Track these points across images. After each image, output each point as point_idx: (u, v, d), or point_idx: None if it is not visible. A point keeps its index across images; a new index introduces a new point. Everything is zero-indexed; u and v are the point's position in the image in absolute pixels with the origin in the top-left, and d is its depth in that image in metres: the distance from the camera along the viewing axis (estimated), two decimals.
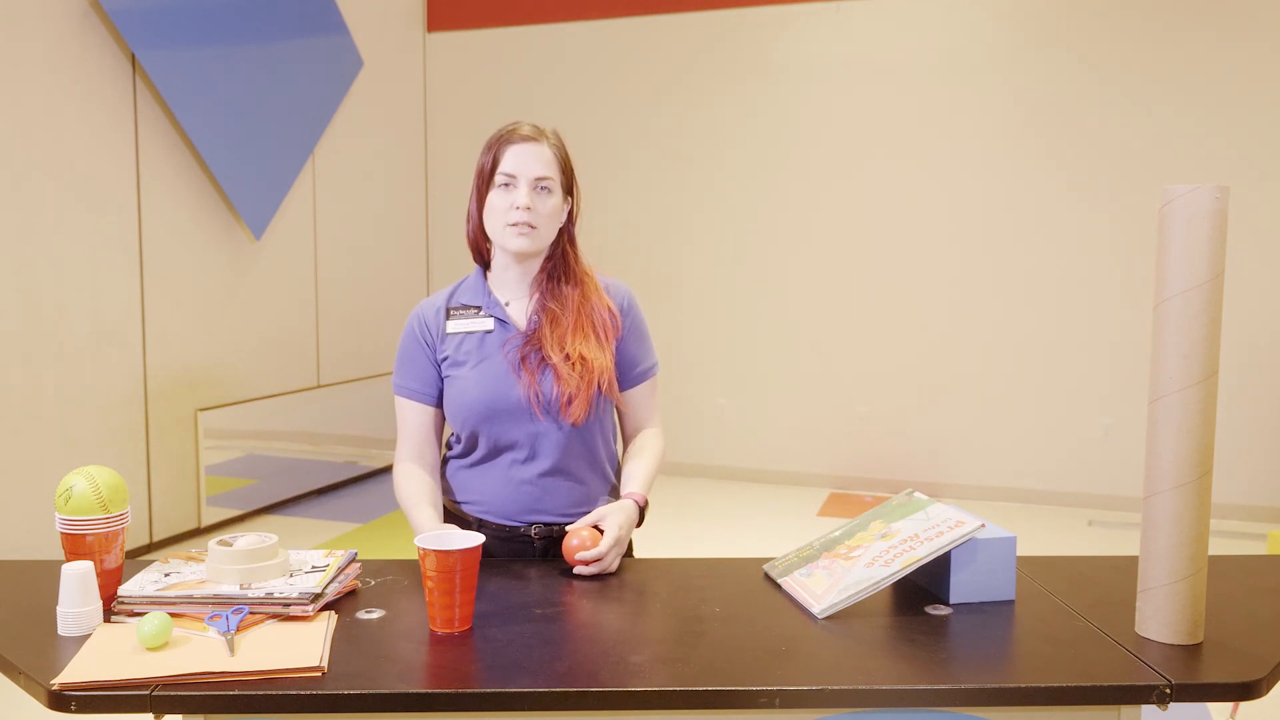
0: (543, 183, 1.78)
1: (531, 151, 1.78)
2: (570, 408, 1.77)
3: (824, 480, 5.98)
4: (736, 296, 6.06)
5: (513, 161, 1.77)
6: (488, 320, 1.83)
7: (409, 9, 6.52)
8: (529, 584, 1.66)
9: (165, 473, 4.77)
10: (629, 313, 1.89)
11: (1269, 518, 5.23)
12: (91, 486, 1.50)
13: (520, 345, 1.80)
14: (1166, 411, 1.38)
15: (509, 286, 1.86)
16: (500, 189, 1.78)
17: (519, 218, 1.76)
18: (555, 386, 1.78)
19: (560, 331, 1.80)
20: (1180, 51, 5.22)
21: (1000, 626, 1.47)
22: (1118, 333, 5.40)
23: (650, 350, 1.93)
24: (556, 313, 1.81)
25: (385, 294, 6.37)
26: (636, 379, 1.90)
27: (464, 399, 1.81)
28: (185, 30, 4.72)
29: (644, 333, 1.92)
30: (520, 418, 1.79)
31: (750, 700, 1.26)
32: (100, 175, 4.40)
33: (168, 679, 1.26)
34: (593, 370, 1.78)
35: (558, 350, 1.78)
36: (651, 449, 1.91)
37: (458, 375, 1.82)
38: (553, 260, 1.86)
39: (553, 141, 1.82)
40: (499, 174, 1.78)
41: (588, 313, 1.83)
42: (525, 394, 1.77)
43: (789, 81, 5.90)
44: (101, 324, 4.41)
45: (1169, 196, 1.37)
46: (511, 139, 1.79)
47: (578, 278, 1.86)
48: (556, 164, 1.81)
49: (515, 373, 1.79)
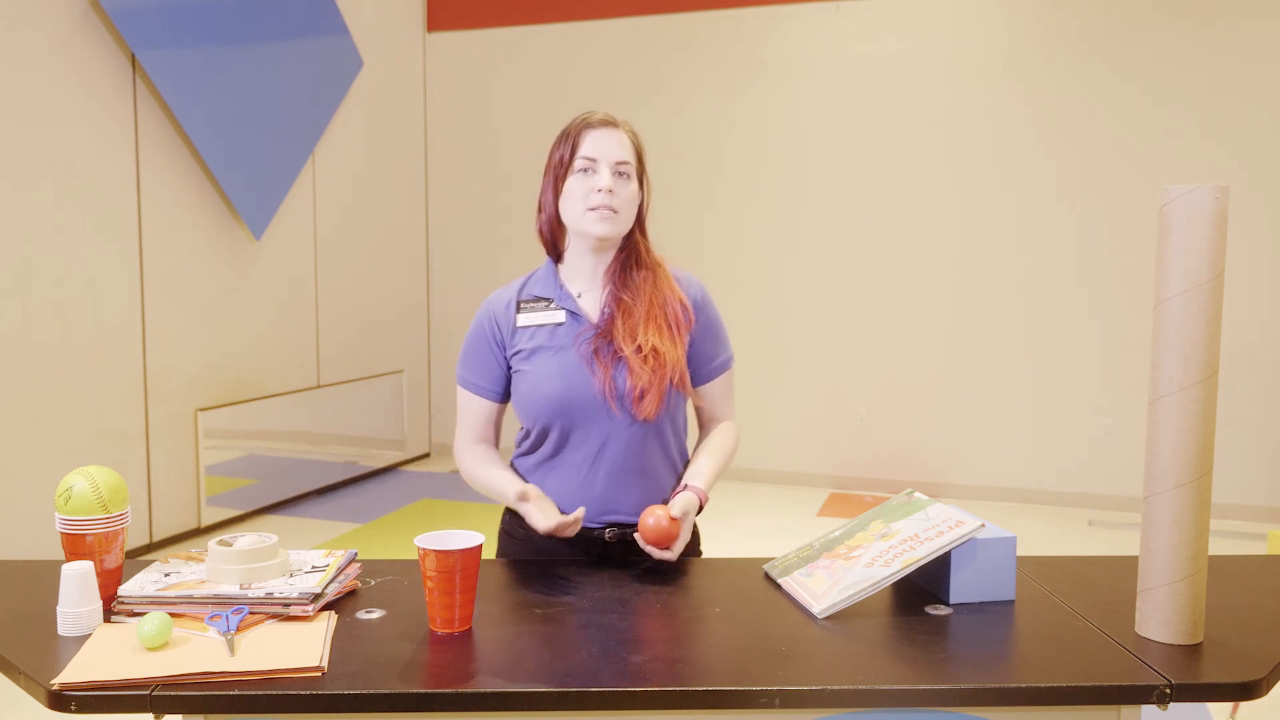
0: (622, 167, 1.77)
1: (610, 137, 1.78)
2: (643, 402, 1.74)
3: (824, 480, 5.98)
4: (736, 296, 6.05)
5: (592, 146, 1.76)
6: (559, 313, 1.80)
7: (409, 9, 6.52)
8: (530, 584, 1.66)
9: (165, 473, 4.77)
10: (702, 307, 1.86)
11: (1269, 518, 5.23)
12: (91, 486, 1.50)
13: (593, 338, 1.77)
14: (1166, 411, 1.38)
15: (582, 277, 1.84)
16: (579, 174, 1.76)
17: (600, 200, 1.74)
18: (628, 380, 1.74)
19: (632, 323, 1.77)
20: (1180, 52, 5.22)
21: (1000, 626, 1.47)
22: (1118, 333, 5.40)
23: (725, 344, 1.91)
24: (629, 303, 1.79)
25: (385, 294, 6.38)
26: (713, 373, 1.88)
27: (535, 393, 1.77)
28: (185, 30, 4.72)
29: (719, 326, 1.90)
30: (593, 413, 1.75)
31: (750, 700, 1.26)
32: (100, 175, 4.40)
33: (168, 679, 1.26)
34: (665, 363, 1.75)
35: (629, 342, 1.75)
36: (723, 444, 1.89)
37: (528, 369, 1.79)
38: (625, 251, 1.84)
39: (629, 130, 1.83)
40: (579, 159, 1.76)
41: (659, 303, 1.80)
42: (600, 388, 1.74)
43: (788, 82, 5.90)
44: (101, 324, 4.41)
45: (1169, 196, 1.37)
46: (590, 124, 1.78)
47: (649, 268, 1.84)
48: (633, 151, 1.81)
49: (589, 366, 1.75)
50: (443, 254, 6.78)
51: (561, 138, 1.81)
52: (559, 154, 1.80)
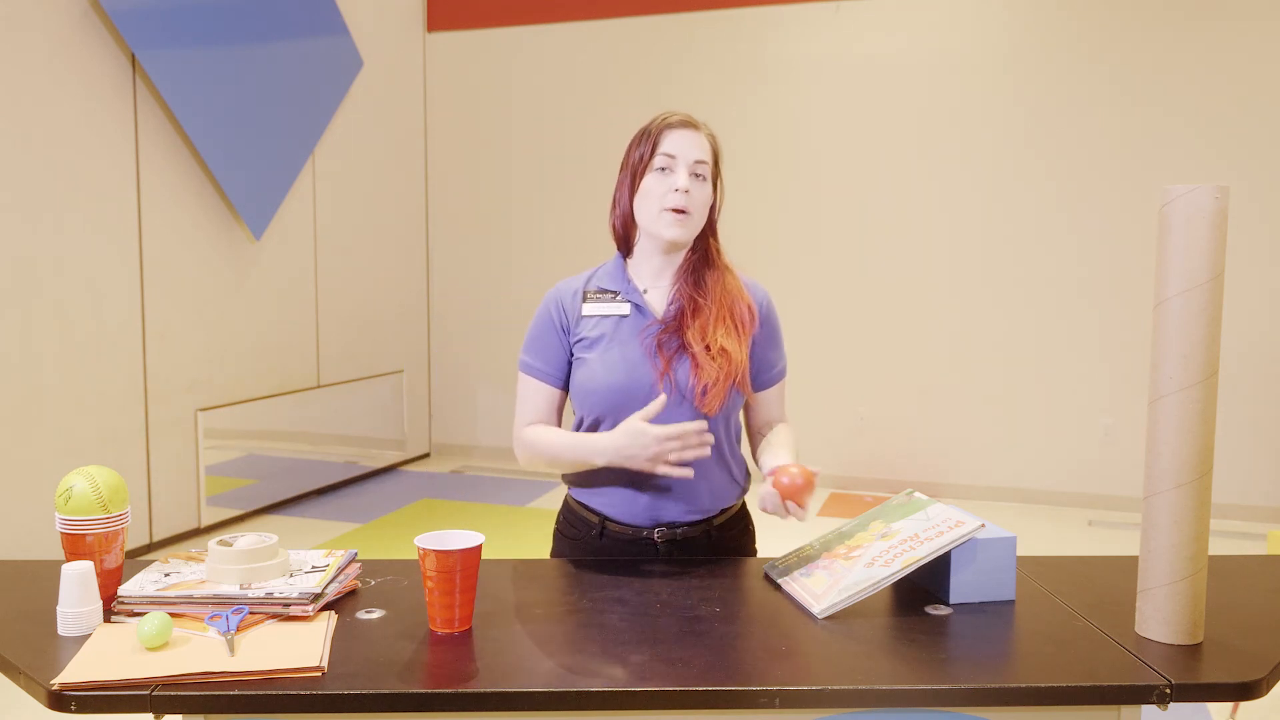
0: (699, 168, 1.78)
1: (690, 137, 1.78)
2: (706, 397, 1.74)
3: (824, 480, 5.98)
4: None
5: (672, 144, 1.77)
6: (624, 305, 1.81)
7: (409, 9, 6.52)
8: (530, 584, 1.66)
9: (165, 473, 4.77)
10: (767, 314, 1.88)
11: (1269, 518, 5.23)
12: (91, 486, 1.50)
13: (658, 332, 1.77)
14: (1166, 411, 1.38)
15: (650, 274, 1.84)
16: (658, 172, 1.77)
17: (677, 201, 1.75)
18: (691, 375, 1.75)
19: (702, 321, 1.78)
20: (1180, 52, 5.22)
21: (1000, 626, 1.47)
22: (1118, 333, 5.40)
23: (783, 352, 1.93)
24: (700, 302, 1.80)
25: (385, 294, 6.38)
26: (772, 379, 1.90)
27: (593, 383, 1.77)
28: (185, 30, 4.72)
29: (779, 334, 1.92)
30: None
31: (750, 700, 1.26)
32: (100, 175, 4.40)
33: (168, 679, 1.26)
34: (732, 363, 1.76)
35: (699, 339, 1.76)
36: (791, 438, 1.89)
37: (589, 358, 1.79)
38: (697, 251, 1.85)
39: (707, 131, 1.83)
40: (659, 156, 1.77)
41: (728, 305, 1.81)
42: (659, 380, 1.74)
43: (788, 82, 5.90)
44: (101, 324, 4.41)
45: (1169, 196, 1.37)
46: (671, 124, 1.79)
47: (720, 269, 1.85)
48: (711, 153, 1.81)
49: (651, 359, 1.76)
50: (443, 254, 6.78)
51: (642, 135, 1.81)
52: (639, 151, 1.80)
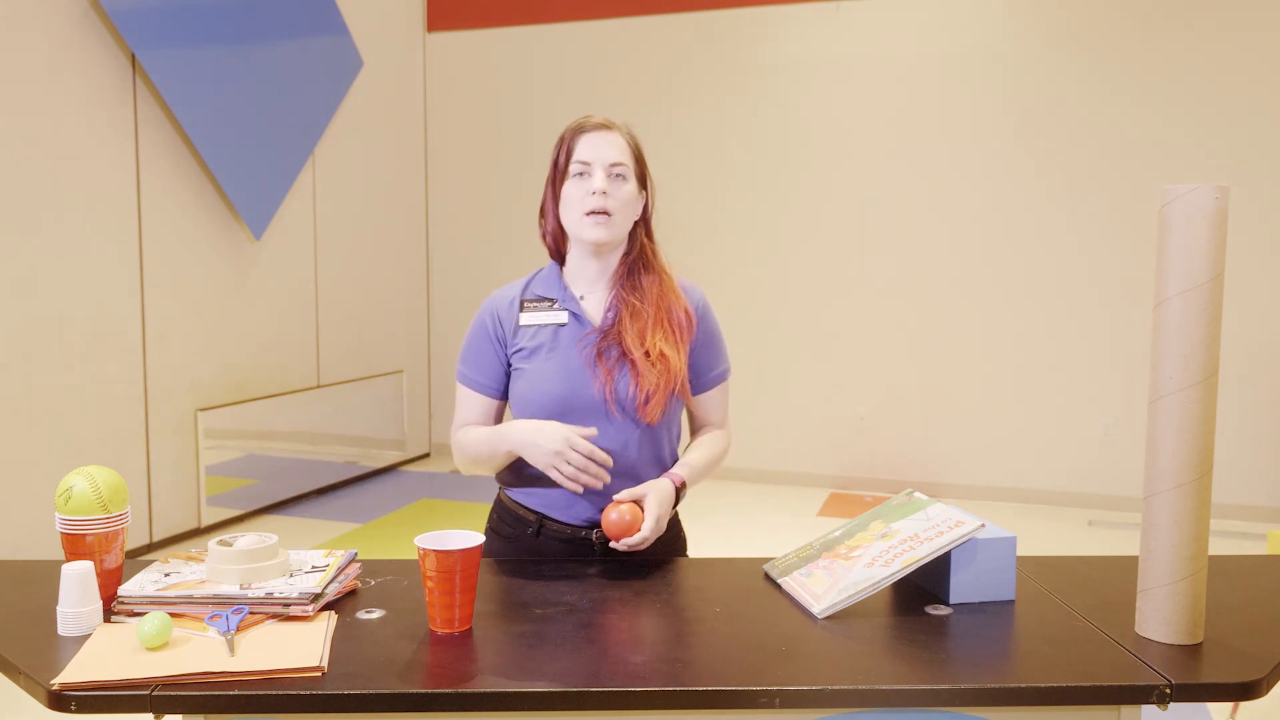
0: (617, 169, 1.77)
1: (604, 139, 1.78)
2: (648, 406, 1.74)
3: (824, 480, 5.97)
4: (737, 296, 6.05)
5: (586, 149, 1.77)
6: (562, 313, 1.80)
7: (409, 9, 6.52)
8: (530, 584, 1.66)
9: (165, 473, 4.77)
10: (704, 317, 1.87)
11: (1269, 518, 5.23)
12: (91, 486, 1.50)
13: (597, 340, 1.77)
14: (1166, 411, 1.38)
15: (585, 280, 1.84)
16: (575, 179, 1.77)
17: (595, 204, 1.74)
18: (631, 384, 1.75)
19: (640, 325, 1.77)
20: (1179, 52, 5.22)
21: (1000, 626, 1.47)
22: (1118, 333, 5.40)
23: (724, 355, 1.92)
24: (637, 305, 1.79)
25: (385, 294, 6.38)
26: (711, 382, 1.89)
27: (533, 393, 1.77)
28: (185, 30, 4.72)
29: (719, 337, 1.91)
30: (593, 415, 1.75)
31: (750, 700, 1.26)
32: (100, 175, 4.40)
33: (168, 679, 1.26)
34: (671, 369, 1.76)
35: (638, 345, 1.76)
36: (713, 444, 1.89)
37: (528, 368, 1.78)
38: (631, 254, 1.84)
39: (625, 131, 1.82)
40: (574, 163, 1.77)
41: (666, 308, 1.81)
42: (601, 391, 1.74)
43: (788, 81, 5.90)
44: (101, 324, 4.41)
45: (1169, 196, 1.37)
46: (584, 128, 1.79)
47: (657, 272, 1.84)
48: (630, 152, 1.80)
49: (590, 369, 1.75)
50: (443, 254, 6.78)
51: (558, 144, 1.81)
52: (554, 158, 1.81)
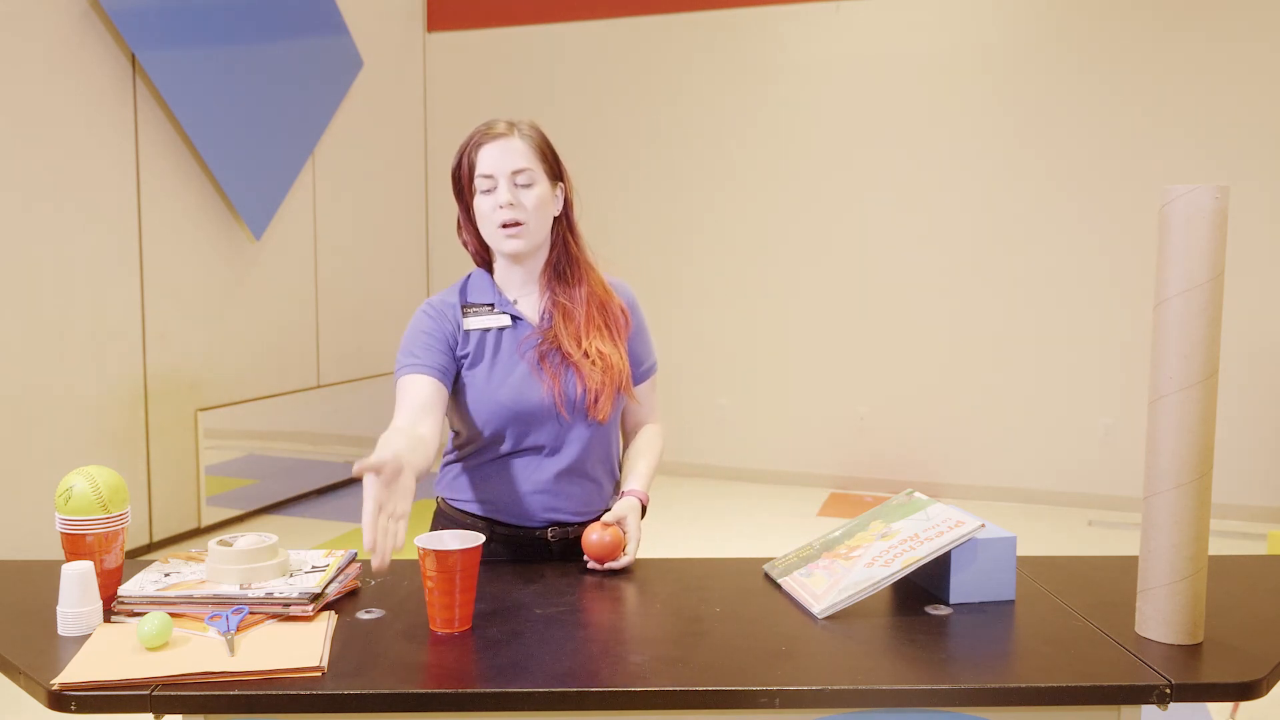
0: (520, 177, 1.74)
1: (502, 148, 1.74)
2: (598, 405, 1.76)
3: (824, 480, 5.97)
4: (737, 297, 6.06)
5: (487, 162, 1.74)
6: (503, 316, 1.80)
7: (409, 9, 6.52)
8: (530, 584, 1.66)
9: (165, 473, 4.77)
10: (634, 311, 1.89)
11: (1269, 518, 5.23)
12: (91, 486, 1.50)
13: (537, 345, 1.78)
14: (1166, 411, 1.38)
15: (516, 284, 1.84)
16: (483, 194, 1.76)
17: (505, 217, 1.73)
18: (579, 385, 1.76)
19: (574, 326, 1.78)
20: (1179, 52, 5.22)
21: (1000, 626, 1.47)
22: (1117, 333, 5.40)
23: (652, 348, 1.94)
24: (568, 306, 1.80)
25: (385, 294, 6.37)
26: (641, 376, 1.90)
27: (488, 402, 1.76)
28: (185, 30, 4.72)
29: (646, 330, 1.93)
30: (545, 418, 1.76)
31: (750, 700, 1.26)
32: (100, 175, 4.39)
33: (168, 679, 1.26)
34: (613, 367, 1.78)
35: (575, 347, 1.77)
36: (654, 446, 1.92)
37: (476, 375, 1.78)
38: (556, 252, 1.84)
39: (525, 132, 1.77)
40: (477, 178, 1.76)
41: (598, 305, 1.82)
42: (549, 394, 1.75)
43: (789, 81, 5.90)
44: (101, 324, 4.41)
45: (1169, 196, 1.37)
46: (481, 141, 1.76)
47: (583, 268, 1.84)
48: (533, 153, 1.76)
49: (536, 373, 1.76)
50: (443, 254, 6.78)
51: (456, 158, 1.79)
52: (456, 173, 1.80)
